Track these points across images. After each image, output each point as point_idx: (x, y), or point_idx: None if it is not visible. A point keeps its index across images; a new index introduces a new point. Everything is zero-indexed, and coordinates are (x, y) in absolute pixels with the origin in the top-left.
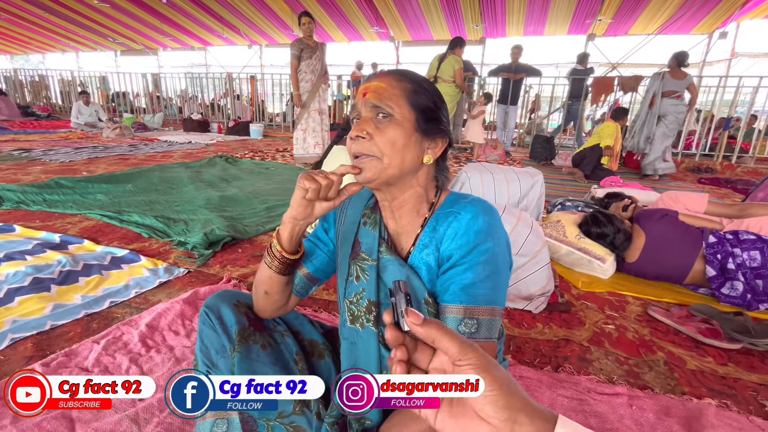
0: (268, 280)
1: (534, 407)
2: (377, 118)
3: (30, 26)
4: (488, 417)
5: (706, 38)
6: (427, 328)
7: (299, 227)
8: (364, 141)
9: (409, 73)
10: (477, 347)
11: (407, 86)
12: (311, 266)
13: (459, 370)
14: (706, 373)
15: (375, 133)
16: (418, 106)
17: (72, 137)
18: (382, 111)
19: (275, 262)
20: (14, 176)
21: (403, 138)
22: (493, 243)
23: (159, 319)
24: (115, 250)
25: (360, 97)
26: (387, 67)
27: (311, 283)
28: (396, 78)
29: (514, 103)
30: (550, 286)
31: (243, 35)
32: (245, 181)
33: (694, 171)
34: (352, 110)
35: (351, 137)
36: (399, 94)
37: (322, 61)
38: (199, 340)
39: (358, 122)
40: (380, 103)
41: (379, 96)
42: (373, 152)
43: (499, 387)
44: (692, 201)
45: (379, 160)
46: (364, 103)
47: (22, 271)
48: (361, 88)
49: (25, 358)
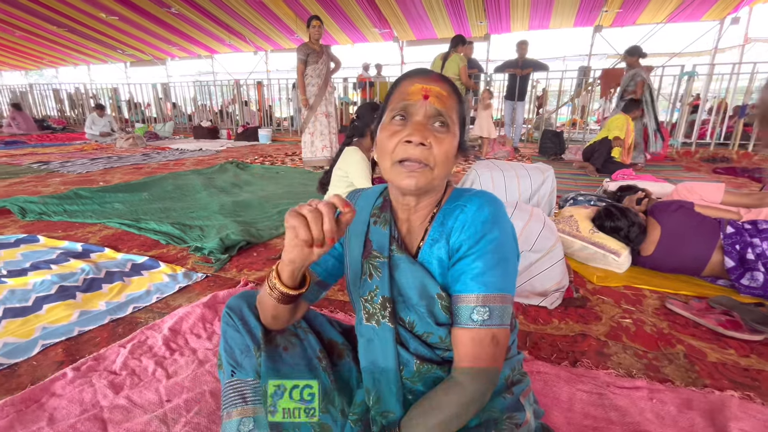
0: (273, 309)
1: None
2: (434, 126)
3: (43, 42)
4: None
5: (718, 24)
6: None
7: (299, 268)
8: (424, 149)
9: (451, 80)
10: None
11: (457, 96)
12: (322, 272)
13: None
14: (728, 365)
15: (433, 141)
16: (461, 119)
17: (87, 149)
18: (442, 120)
19: (277, 294)
20: (35, 188)
21: (453, 151)
22: (499, 232)
23: (181, 323)
24: (135, 257)
25: (417, 97)
26: (392, 69)
27: (322, 289)
28: (449, 85)
29: (522, 99)
30: (565, 282)
31: (248, 42)
32: (257, 186)
33: (709, 161)
34: (397, 106)
35: (411, 141)
36: (454, 105)
37: (327, 64)
38: (223, 341)
39: (417, 126)
40: (444, 112)
41: (443, 103)
42: (429, 162)
43: None
44: (708, 191)
45: (431, 171)
46: (423, 106)
47: (48, 280)
48: (416, 87)
49: (56, 363)
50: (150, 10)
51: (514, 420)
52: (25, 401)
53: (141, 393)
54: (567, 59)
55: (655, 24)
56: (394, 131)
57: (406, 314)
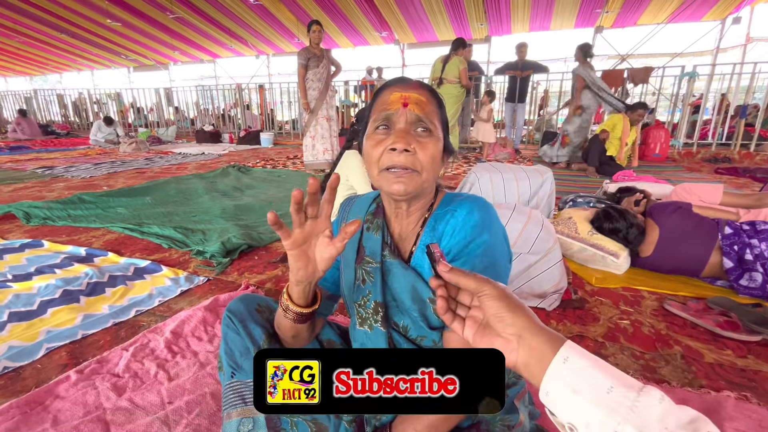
0: (291, 330)
1: (540, 327)
2: (416, 131)
3: (47, 47)
4: (500, 332)
5: (719, 24)
6: (452, 273)
7: (308, 286)
8: (409, 155)
9: (429, 86)
10: (492, 281)
11: (437, 101)
12: (330, 286)
13: (480, 300)
14: (725, 366)
15: (417, 147)
16: (443, 122)
17: (91, 153)
18: (424, 125)
19: (291, 315)
20: (39, 193)
21: (439, 154)
22: (489, 235)
23: (182, 326)
24: (138, 261)
25: (397, 105)
26: (394, 71)
27: (333, 302)
28: (428, 91)
29: (522, 101)
30: (563, 284)
31: (250, 46)
32: (258, 190)
33: (710, 161)
34: (379, 116)
35: (396, 149)
36: (434, 110)
37: (328, 68)
38: (224, 343)
39: (400, 133)
40: (424, 117)
41: (423, 109)
42: (415, 167)
43: (506, 309)
44: (707, 192)
45: (419, 175)
46: (403, 114)
47: (52, 284)
48: (395, 95)
49: (60, 366)
50: (153, 16)
51: (506, 422)
52: (29, 403)
53: (143, 395)
54: (568, 60)
55: (656, 24)
56: (379, 140)
57: (399, 318)
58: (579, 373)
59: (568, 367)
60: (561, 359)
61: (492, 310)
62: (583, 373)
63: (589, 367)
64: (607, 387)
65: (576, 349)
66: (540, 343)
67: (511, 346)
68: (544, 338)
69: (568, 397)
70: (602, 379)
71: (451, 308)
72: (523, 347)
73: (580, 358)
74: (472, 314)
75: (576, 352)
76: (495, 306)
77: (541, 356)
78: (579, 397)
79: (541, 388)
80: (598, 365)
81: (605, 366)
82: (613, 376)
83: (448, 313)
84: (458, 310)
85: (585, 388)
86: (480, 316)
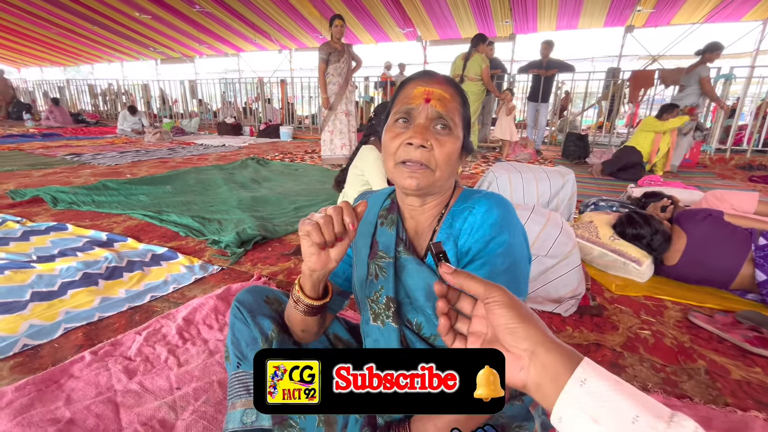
0: (301, 323)
1: (554, 342)
2: (436, 128)
3: (80, 39)
4: (510, 347)
5: (761, 24)
6: (456, 276)
7: (320, 276)
8: (425, 150)
9: (455, 81)
10: (501, 287)
11: (461, 98)
12: (341, 282)
13: (488, 308)
14: (753, 384)
15: (434, 143)
16: (465, 120)
17: (117, 142)
18: (444, 122)
19: (302, 307)
20: (67, 179)
21: (456, 153)
22: (508, 235)
23: (194, 314)
24: (155, 247)
25: (419, 100)
26: (415, 68)
27: (344, 298)
28: (453, 87)
29: (545, 101)
30: (581, 289)
31: (273, 40)
32: (275, 182)
33: (744, 168)
34: (400, 109)
35: (412, 143)
36: (457, 108)
37: (348, 63)
38: (231, 333)
39: (418, 129)
40: (445, 115)
41: (445, 106)
42: (430, 163)
43: (518, 320)
44: (740, 200)
45: (432, 173)
46: (424, 109)
47: (73, 267)
48: (418, 90)
49: (76, 347)
50: (181, 9)
51: (523, 429)
52: (45, 381)
53: (153, 379)
54: (595, 60)
55: (691, 24)
56: (397, 133)
57: (413, 316)
58: (599, 398)
59: (585, 390)
60: (578, 381)
61: (502, 320)
62: (603, 398)
63: (610, 391)
64: (632, 416)
65: (595, 369)
66: (554, 361)
67: (520, 363)
68: (559, 355)
69: (585, 427)
70: (626, 406)
71: (451, 326)
72: (534, 365)
73: (599, 379)
74: (474, 329)
75: (595, 372)
76: (506, 315)
77: (555, 376)
78: (598, 428)
79: (553, 413)
80: (620, 389)
81: (629, 389)
82: (638, 402)
83: (450, 333)
84: (458, 323)
85: (605, 416)
86: (483, 330)
